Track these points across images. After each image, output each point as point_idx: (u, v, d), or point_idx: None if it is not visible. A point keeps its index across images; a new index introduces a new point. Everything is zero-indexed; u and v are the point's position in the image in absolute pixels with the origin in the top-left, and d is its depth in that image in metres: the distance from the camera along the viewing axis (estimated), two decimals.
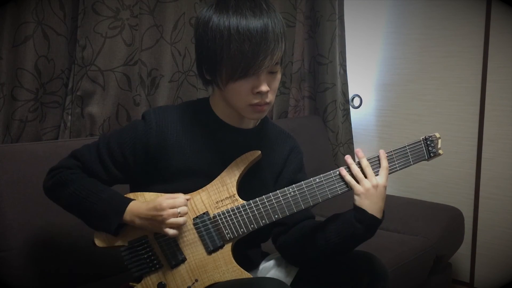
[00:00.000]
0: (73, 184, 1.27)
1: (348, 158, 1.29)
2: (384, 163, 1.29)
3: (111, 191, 1.28)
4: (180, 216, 1.20)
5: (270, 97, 1.26)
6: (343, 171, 1.28)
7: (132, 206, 1.24)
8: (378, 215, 1.26)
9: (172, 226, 1.21)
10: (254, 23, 1.17)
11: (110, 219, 1.23)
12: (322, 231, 1.32)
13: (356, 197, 1.27)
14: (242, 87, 1.22)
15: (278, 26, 1.21)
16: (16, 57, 1.72)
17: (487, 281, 2.58)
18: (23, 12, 1.70)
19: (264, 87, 1.22)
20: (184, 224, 1.22)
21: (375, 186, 1.26)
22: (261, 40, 1.17)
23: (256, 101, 1.24)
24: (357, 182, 1.27)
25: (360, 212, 1.26)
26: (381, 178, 1.27)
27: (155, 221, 1.21)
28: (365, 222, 1.26)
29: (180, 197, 1.22)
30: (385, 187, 1.28)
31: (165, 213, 1.19)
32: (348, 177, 1.27)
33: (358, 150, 1.30)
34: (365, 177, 1.27)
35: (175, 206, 1.20)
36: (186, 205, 1.22)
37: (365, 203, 1.26)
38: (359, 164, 1.29)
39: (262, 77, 1.22)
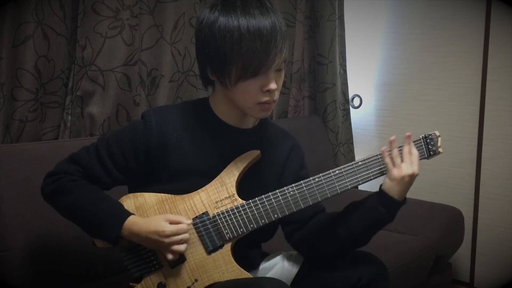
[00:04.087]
0: (72, 192, 1.25)
1: (393, 141, 1.28)
2: (415, 151, 1.29)
3: (110, 202, 1.26)
4: (182, 243, 1.21)
5: (277, 95, 1.27)
6: (385, 152, 1.28)
7: (130, 222, 1.23)
8: (402, 200, 1.29)
9: (173, 252, 1.21)
10: (263, 22, 1.18)
11: (109, 231, 1.23)
12: (343, 221, 1.32)
13: (387, 181, 1.27)
14: (252, 85, 1.22)
15: (283, 24, 1.23)
16: (16, 57, 1.71)
17: (487, 281, 2.58)
18: (23, 12, 1.70)
19: (273, 85, 1.23)
20: (184, 251, 1.23)
21: (411, 175, 1.26)
22: (271, 39, 1.19)
23: (265, 99, 1.24)
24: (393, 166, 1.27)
25: (386, 197, 1.27)
26: (417, 168, 1.28)
27: (156, 245, 1.22)
28: (389, 207, 1.27)
29: (183, 224, 1.22)
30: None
31: (167, 240, 1.20)
32: (388, 159, 1.27)
33: (393, 138, 1.28)
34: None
35: (179, 233, 1.20)
36: (187, 232, 1.23)
37: (395, 189, 1.27)
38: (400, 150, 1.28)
39: (271, 75, 1.22)
